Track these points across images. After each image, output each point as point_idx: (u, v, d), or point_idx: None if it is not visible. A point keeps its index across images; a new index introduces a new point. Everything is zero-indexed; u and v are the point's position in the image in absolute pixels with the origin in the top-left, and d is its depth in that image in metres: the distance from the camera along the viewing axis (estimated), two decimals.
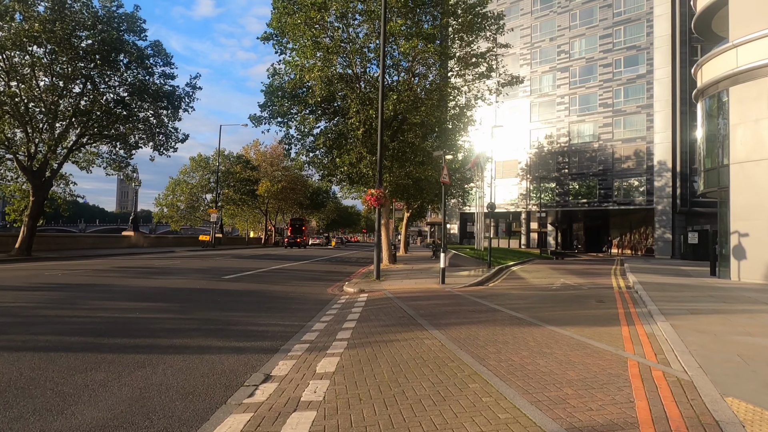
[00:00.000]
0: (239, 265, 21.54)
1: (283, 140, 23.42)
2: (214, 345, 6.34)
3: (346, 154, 21.51)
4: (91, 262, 21.06)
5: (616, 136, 44.15)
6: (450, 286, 14.08)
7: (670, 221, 40.64)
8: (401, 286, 14.11)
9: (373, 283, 14.84)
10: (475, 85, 24.32)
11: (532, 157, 49.71)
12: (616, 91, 44.28)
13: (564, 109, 47.46)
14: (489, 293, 12.61)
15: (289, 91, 21.41)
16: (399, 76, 22.61)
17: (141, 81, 26.23)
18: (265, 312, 9.32)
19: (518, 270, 21.88)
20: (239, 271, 18.05)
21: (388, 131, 22.17)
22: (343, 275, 18.37)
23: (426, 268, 21.45)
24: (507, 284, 15.40)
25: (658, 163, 41.27)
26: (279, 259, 27.03)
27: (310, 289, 13.67)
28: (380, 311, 9.43)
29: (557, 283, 15.51)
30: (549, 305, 10.35)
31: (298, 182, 61.65)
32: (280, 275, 17.33)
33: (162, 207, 47.43)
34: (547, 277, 18.10)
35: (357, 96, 20.36)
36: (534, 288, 14.25)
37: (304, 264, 24.02)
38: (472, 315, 8.81)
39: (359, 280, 15.90)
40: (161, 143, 30.35)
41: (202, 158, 47.65)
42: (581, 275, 19.22)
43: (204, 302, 10.29)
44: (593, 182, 45.54)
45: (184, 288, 12.46)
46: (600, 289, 13.79)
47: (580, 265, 26.93)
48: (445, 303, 10.45)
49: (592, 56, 45.91)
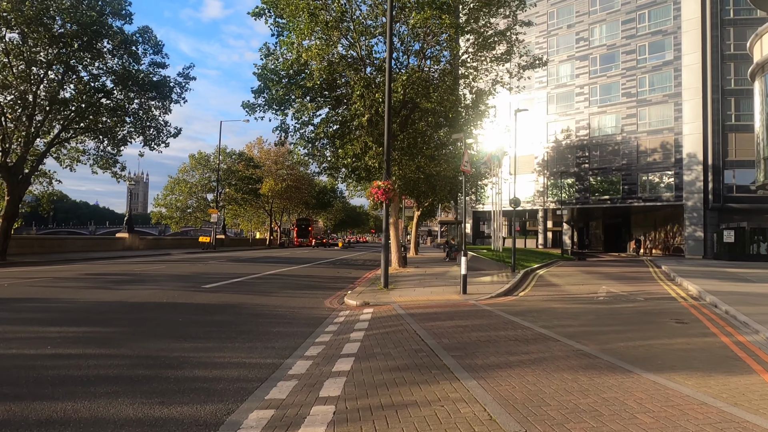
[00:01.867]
0: (231, 269, 19.18)
1: (278, 129, 20.90)
2: (117, 416, 3.91)
3: (349, 145, 19.07)
4: (63, 267, 18.82)
5: (640, 127, 41.22)
6: (473, 296, 11.56)
7: (701, 218, 37.67)
8: (414, 297, 11.62)
9: (380, 293, 12.38)
10: (493, 68, 21.77)
11: (549, 152, 46.92)
12: (641, 79, 41.34)
13: (583, 100, 44.61)
14: (525, 307, 10.07)
15: (285, 74, 19.01)
16: (408, 59, 20.11)
17: (126, 69, 23.97)
18: (232, 340, 6.89)
19: (546, 274, 19.28)
20: (228, 277, 15.67)
21: (396, 119, 19.70)
22: (347, 282, 15.93)
23: (440, 272, 18.94)
24: (541, 294, 12.84)
25: (688, 156, 38.31)
26: (278, 263, 24.67)
27: (303, 301, 11.24)
28: (388, 339, 6.96)
29: (600, 292, 12.93)
30: (613, 327, 7.81)
31: (303, 181, 59.40)
32: (273, 282, 14.92)
33: (160, 207, 45.30)
34: (584, 283, 15.51)
35: (361, 78, 17.89)
36: (577, 299, 11.69)
37: (304, 268, 21.62)
38: (516, 346, 6.30)
39: (364, 288, 13.45)
40: (152, 138, 28.19)
41: (202, 156, 45.51)
42: (622, 280, 16.59)
43: (158, 325, 7.89)
44: (616, 177, 42.64)
45: (146, 303, 10.08)
46: (661, 301, 11.21)
47: (610, 268, 24.23)
48: (473, 324, 7.94)
49: (614, 43, 43.00)
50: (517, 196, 19.83)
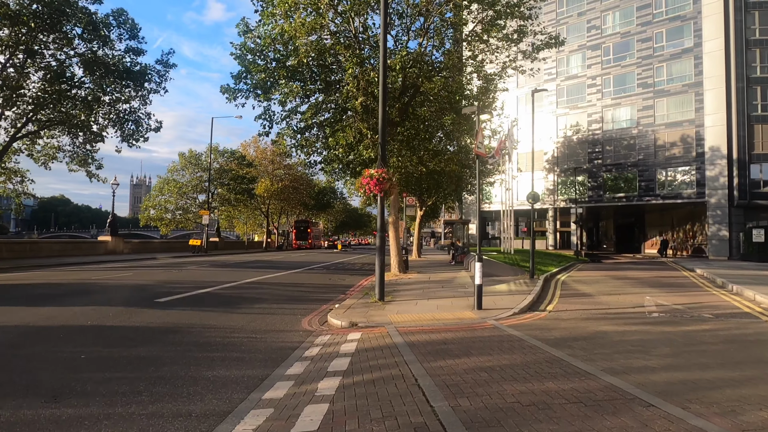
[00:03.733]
0: (208, 277, 16.72)
1: (261, 118, 18.33)
2: None
3: (341, 132, 16.59)
4: (13, 276, 16.34)
5: (658, 120, 38.57)
6: (491, 313, 9.06)
7: (725, 216, 34.97)
8: (415, 315, 9.10)
9: (374, 307, 9.87)
10: (504, 48, 19.23)
11: (559, 147, 44.30)
12: (657, 68, 38.70)
13: (596, 92, 41.99)
14: (565, 331, 7.55)
15: (267, 54, 16.54)
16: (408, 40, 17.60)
17: (95, 54, 21.56)
18: (129, 399, 4.40)
19: (569, 280, 16.72)
20: (197, 287, 13.19)
21: (396, 104, 17.23)
22: (337, 291, 13.46)
23: (447, 278, 16.41)
24: (576, 308, 10.30)
25: (710, 150, 35.64)
26: (267, 268, 22.18)
27: (275, 321, 8.76)
28: (373, 397, 4.44)
29: (648, 305, 10.40)
30: (715, 373, 5.26)
31: (302, 181, 56.96)
32: (248, 294, 12.44)
33: (149, 209, 42.86)
34: (619, 292, 12.96)
35: (354, 55, 15.41)
36: (625, 317, 9.17)
37: (293, 274, 19.13)
38: (587, 421, 3.76)
39: (355, 301, 10.95)
40: (131, 132, 25.83)
41: (192, 154, 43.09)
42: (663, 288, 14.02)
43: (41, 367, 5.41)
44: (632, 174, 39.97)
45: (60, 327, 7.60)
46: (740, 320, 8.69)
47: (637, 272, 21.64)
48: (502, 365, 5.42)
49: (628, 30, 40.38)
50: (536, 191, 17.28)
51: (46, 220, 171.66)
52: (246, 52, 16.74)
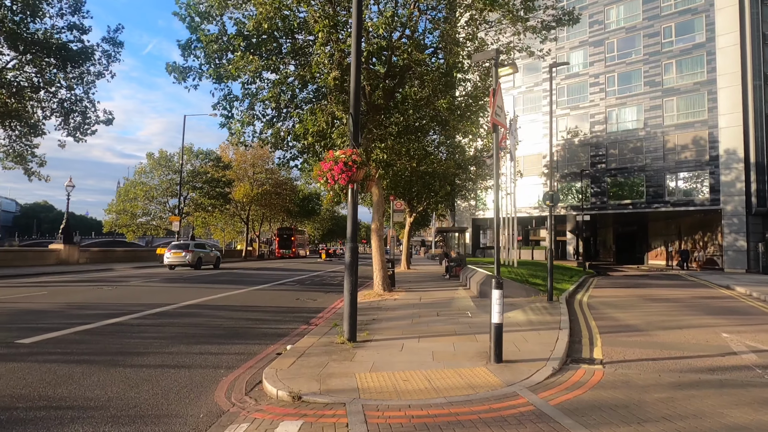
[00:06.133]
0: (143, 297, 13.21)
1: (219, 105, 14.88)
2: None
3: (310, 115, 13.24)
4: None
5: (667, 120, 35.71)
6: (518, 370, 5.71)
7: (743, 225, 32.06)
8: (398, 376, 5.69)
9: (339, 354, 6.42)
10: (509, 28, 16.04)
11: (559, 151, 41.30)
12: (666, 65, 35.92)
13: (599, 91, 39.11)
14: (663, 420, 4.20)
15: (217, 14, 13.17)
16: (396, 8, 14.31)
17: (19, 25, 18.02)
18: None
19: (594, 302, 13.42)
20: (110, 314, 9.68)
21: (380, 83, 13.95)
22: (299, 319, 10.05)
23: (442, 300, 13.03)
24: (639, 356, 6.97)
25: (725, 153, 32.80)
26: (228, 283, 18.67)
27: (176, 383, 5.33)
28: None
29: (738, 348, 7.11)
30: None
31: (285, 186, 53.42)
32: (167, 327, 8.96)
33: (113, 214, 39.03)
34: (674, 323, 9.68)
35: (325, 15, 12.10)
36: (740, 379, 5.85)
37: (256, 292, 15.62)
38: None
39: (316, 339, 7.53)
40: (77, 125, 22.31)
41: (163, 155, 39.49)
42: (723, 317, 10.76)
43: None
44: (638, 179, 37.00)
45: None
46: None
47: (664, 290, 18.44)
48: None
49: (634, 25, 37.62)
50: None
51: (29, 226, 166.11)
52: (193, 13, 13.36)
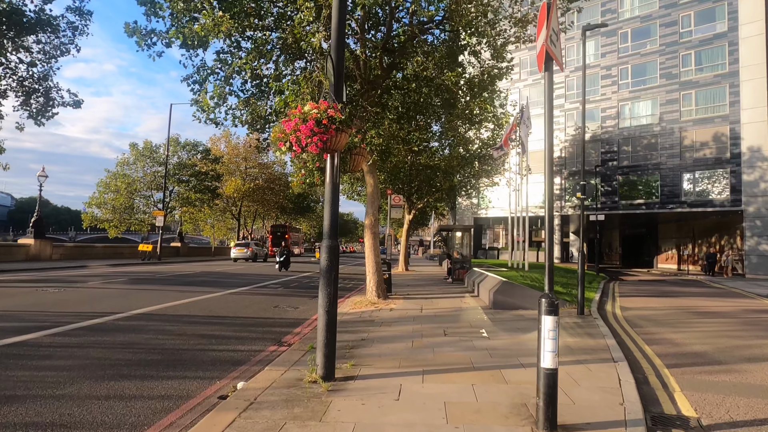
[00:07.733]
0: (89, 303, 10.94)
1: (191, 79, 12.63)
2: None
3: (292, 84, 10.95)
4: None
5: (684, 115, 33.53)
6: None
7: (767, 228, 29.88)
8: None
9: (300, 415, 3.98)
10: None
11: (567, 147, 39.09)
12: (684, 57, 33.72)
13: (611, 84, 36.92)
14: None
15: None
16: None
17: None
18: None
19: (632, 317, 11.15)
20: (29, 327, 7.40)
21: (376, 52, 11.70)
22: (269, 336, 7.82)
23: (449, 311, 10.75)
24: (746, 414, 4.70)
25: (749, 150, 30.62)
26: (201, 285, 16.39)
27: None
28: None
29: None
30: None
31: (278, 182, 51.19)
32: (90, 348, 6.67)
33: (93, 208, 36.69)
34: (751, 349, 7.44)
35: None
36: None
37: (229, 296, 13.30)
38: None
39: (283, 371, 5.21)
40: (39, 107, 20.05)
41: (147, 146, 37.18)
42: None
43: None
44: (652, 177, 34.81)
45: None
46: None
47: (698, 299, 16.20)
48: None
49: (649, 14, 35.41)
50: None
51: (24, 221, 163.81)
52: None
